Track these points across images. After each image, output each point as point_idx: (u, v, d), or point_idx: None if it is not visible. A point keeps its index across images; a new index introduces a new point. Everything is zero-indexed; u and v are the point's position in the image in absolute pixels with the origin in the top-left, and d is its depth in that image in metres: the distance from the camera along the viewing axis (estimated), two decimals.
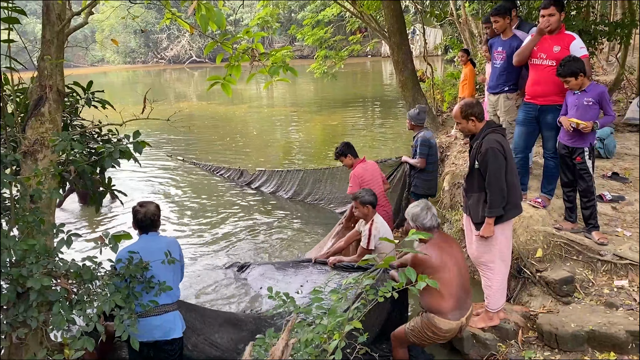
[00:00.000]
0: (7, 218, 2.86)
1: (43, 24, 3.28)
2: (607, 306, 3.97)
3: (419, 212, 3.66)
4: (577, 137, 4.37)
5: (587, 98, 4.35)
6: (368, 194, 4.74)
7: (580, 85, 4.38)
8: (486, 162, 3.67)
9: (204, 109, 19.24)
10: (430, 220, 3.63)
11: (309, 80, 23.77)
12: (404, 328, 3.71)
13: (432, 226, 3.64)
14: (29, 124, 3.19)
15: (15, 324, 2.67)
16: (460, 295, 3.55)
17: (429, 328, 3.54)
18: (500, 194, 3.68)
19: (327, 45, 15.25)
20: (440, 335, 3.56)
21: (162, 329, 3.41)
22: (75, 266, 2.82)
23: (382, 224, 4.72)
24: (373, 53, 35.46)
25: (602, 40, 8.39)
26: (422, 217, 3.64)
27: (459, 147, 7.66)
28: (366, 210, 4.72)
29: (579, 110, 4.38)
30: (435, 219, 3.66)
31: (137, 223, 3.51)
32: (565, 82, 4.41)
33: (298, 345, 2.28)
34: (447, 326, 3.51)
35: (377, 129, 13.75)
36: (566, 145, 4.50)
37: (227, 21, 3.30)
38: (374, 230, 4.62)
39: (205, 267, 6.00)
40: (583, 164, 4.40)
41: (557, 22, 4.64)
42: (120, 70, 42.33)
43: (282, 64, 3.16)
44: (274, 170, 8.87)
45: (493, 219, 3.74)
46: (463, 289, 3.59)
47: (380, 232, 4.63)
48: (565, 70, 4.36)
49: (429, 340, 3.63)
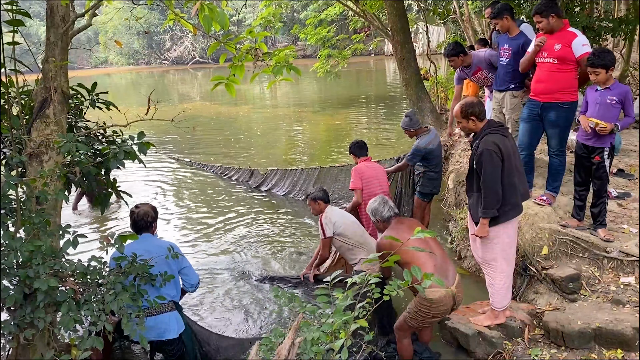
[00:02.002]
0: (14, 220, 2.87)
1: (47, 26, 3.29)
2: (613, 303, 3.95)
3: (377, 207, 4.03)
4: (597, 137, 4.29)
5: (611, 96, 4.23)
6: (317, 191, 4.83)
7: (606, 81, 4.26)
8: (481, 163, 3.66)
9: (207, 109, 19.28)
10: (388, 212, 4.00)
11: (312, 80, 23.79)
12: (403, 315, 3.74)
13: (390, 216, 4.00)
14: (34, 126, 3.21)
15: (23, 325, 2.68)
16: (435, 263, 3.59)
17: (423, 304, 3.54)
18: (494, 196, 3.66)
19: (330, 45, 15.26)
20: (435, 307, 3.54)
21: (156, 330, 3.43)
22: (81, 267, 2.84)
23: (332, 211, 4.75)
24: (376, 52, 35.47)
25: (606, 36, 8.35)
26: (381, 211, 4.01)
27: (463, 145, 7.64)
28: (317, 206, 4.80)
29: (601, 109, 4.27)
30: (392, 210, 4.02)
31: (133, 224, 3.57)
32: (594, 74, 4.25)
33: (304, 344, 2.28)
34: (436, 294, 3.48)
35: (381, 127, 13.74)
36: (585, 144, 4.41)
37: (230, 21, 3.30)
38: (324, 219, 4.67)
39: (210, 272, 6.00)
40: (602, 164, 4.34)
41: (548, 26, 4.64)
42: (123, 72, 42.46)
43: (286, 63, 3.16)
44: (287, 170, 8.69)
45: (487, 220, 3.74)
46: (435, 257, 3.63)
47: (333, 218, 4.64)
48: (598, 61, 4.19)
49: (428, 318, 3.60)
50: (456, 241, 5.82)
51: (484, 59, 5.81)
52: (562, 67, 4.62)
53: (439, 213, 6.85)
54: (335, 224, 4.60)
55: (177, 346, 3.57)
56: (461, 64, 5.93)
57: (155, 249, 3.46)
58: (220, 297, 5.37)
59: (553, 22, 4.62)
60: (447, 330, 4.15)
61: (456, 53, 5.83)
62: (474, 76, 6.03)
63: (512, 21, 5.38)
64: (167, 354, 3.55)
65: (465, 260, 5.51)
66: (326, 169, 8.04)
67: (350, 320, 2.34)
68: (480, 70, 5.89)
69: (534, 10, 4.70)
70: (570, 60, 4.59)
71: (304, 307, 2.49)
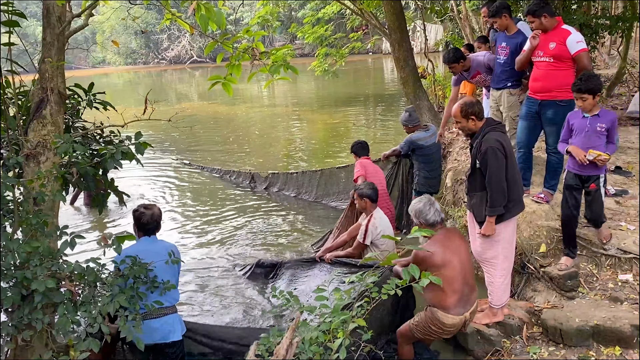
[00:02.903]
0: (11, 221, 2.87)
1: (43, 26, 3.28)
2: (611, 300, 3.96)
3: (421, 208, 3.67)
4: (592, 166, 4.01)
5: (601, 124, 4.01)
6: (367, 188, 4.81)
7: (593, 107, 4.03)
8: (486, 161, 3.66)
9: (205, 108, 19.26)
10: (433, 216, 3.65)
11: (310, 79, 23.77)
12: (409, 324, 3.73)
13: (436, 221, 3.65)
14: (31, 127, 3.20)
15: (21, 326, 2.67)
16: (463, 291, 3.56)
17: (433, 322, 3.55)
18: (501, 193, 3.67)
19: (328, 43, 15.25)
20: (444, 329, 3.58)
21: (161, 332, 3.42)
22: (79, 268, 2.83)
23: (382, 219, 4.74)
24: (374, 50, 35.46)
25: (604, 34, 8.36)
26: (425, 213, 3.65)
27: (461, 144, 7.64)
28: (364, 204, 4.78)
29: (590, 137, 4.03)
30: (439, 214, 3.68)
31: (142, 226, 3.53)
32: (581, 100, 4.01)
33: (302, 343, 2.28)
34: (451, 321, 3.53)
35: (379, 126, 13.74)
36: (578, 174, 4.11)
37: (227, 20, 3.30)
38: (371, 226, 4.66)
39: (209, 269, 6.00)
40: (598, 192, 4.09)
41: (541, 25, 4.66)
42: (121, 72, 42.40)
43: (283, 62, 3.16)
44: (289, 173, 8.60)
45: (494, 218, 3.73)
46: (467, 285, 3.60)
47: (379, 228, 4.64)
48: (584, 86, 3.96)
49: (433, 335, 3.65)
50: None
51: (483, 63, 5.81)
52: (558, 65, 4.63)
53: None
54: (379, 234, 4.62)
55: (179, 348, 3.56)
56: (461, 69, 5.92)
57: (163, 250, 3.44)
58: (216, 295, 5.38)
59: (546, 22, 4.63)
60: None
61: (456, 59, 5.82)
62: (472, 79, 6.06)
63: (510, 19, 5.39)
64: (168, 357, 3.52)
65: None
66: (328, 171, 7.98)
67: (348, 320, 2.34)
68: (479, 74, 5.91)
69: (526, 10, 4.72)
70: (565, 58, 4.60)
71: (302, 307, 2.49)
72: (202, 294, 5.43)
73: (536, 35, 4.70)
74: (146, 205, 3.61)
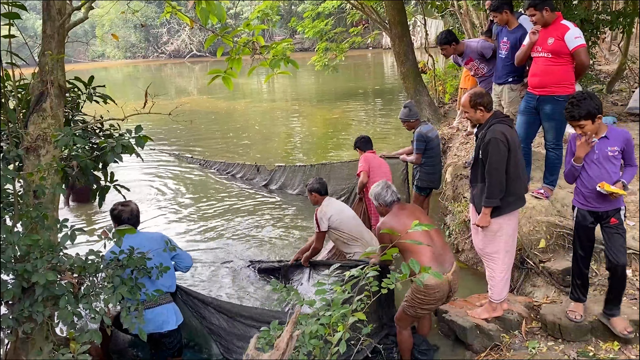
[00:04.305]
0: (11, 214, 2.87)
1: (43, 19, 3.27)
2: None
3: (379, 191, 3.97)
4: (608, 199, 3.41)
5: (612, 146, 3.40)
6: (315, 182, 4.90)
7: (597, 130, 3.41)
8: (487, 151, 3.66)
9: (205, 103, 19.22)
10: (390, 196, 3.95)
11: (309, 73, 23.71)
12: (401, 305, 3.76)
13: (393, 201, 3.94)
14: (31, 120, 3.20)
15: (22, 319, 2.68)
16: (434, 250, 3.61)
17: (419, 291, 3.55)
18: (498, 185, 3.67)
19: (328, 38, 15.19)
20: (431, 294, 3.55)
21: (154, 322, 3.45)
22: (79, 260, 2.83)
23: (330, 204, 4.80)
24: (374, 45, 35.35)
25: (604, 29, 8.33)
26: (384, 195, 3.94)
27: (461, 139, 7.64)
28: (314, 198, 4.90)
29: (604, 165, 3.41)
30: (395, 195, 3.96)
31: (120, 222, 3.58)
32: (578, 127, 3.39)
33: (302, 337, 2.29)
34: (432, 281, 3.45)
35: (379, 121, 13.73)
36: (593, 211, 3.49)
37: (227, 14, 3.29)
38: (319, 213, 4.73)
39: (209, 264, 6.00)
40: (620, 226, 3.44)
41: (542, 19, 4.64)
42: (120, 66, 42.26)
43: (283, 56, 3.16)
44: (297, 166, 8.36)
45: (490, 209, 3.73)
46: (433, 243, 3.66)
47: (328, 212, 4.69)
48: (578, 112, 3.33)
49: (424, 306, 3.62)
50: (454, 234, 5.84)
51: (475, 49, 5.87)
52: (556, 60, 4.63)
53: (437, 206, 6.86)
54: (331, 217, 4.64)
55: (176, 338, 3.59)
56: (453, 52, 6.00)
57: (148, 242, 3.47)
58: (221, 288, 5.39)
59: (547, 16, 4.62)
60: (445, 323, 4.16)
61: (448, 41, 5.90)
62: (466, 65, 6.14)
63: (512, 15, 5.40)
64: (165, 347, 3.55)
65: (463, 253, 5.53)
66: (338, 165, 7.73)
67: (348, 314, 2.35)
68: (471, 61, 5.97)
69: (528, 3, 4.70)
70: (564, 53, 4.59)
71: (303, 301, 2.49)
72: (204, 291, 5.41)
73: (536, 31, 4.69)
74: (122, 203, 3.69)
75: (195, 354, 3.96)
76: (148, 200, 8.29)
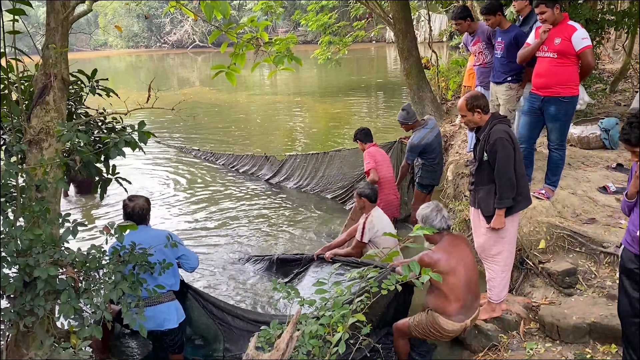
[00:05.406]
0: (14, 208, 2.87)
1: (47, 11, 3.26)
2: (609, 298, 3.97)
3: (428, 214, 3.66)
4: None
5: None
6: (366, 187, 4.81)
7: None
8: (495, 152, 3.64)
9: (207, 95, 19.16)
10: (440, 222, 3.63)
11: (312, 67, 23.63)
12: (408, 322, 3.75)
13: (442, 228, 3.63)
14: (34, 113, 3.19)
15: (23, 313, 2.69)
16: (466, 299, 3.57)
17: (433, 326, 3.58)
18: (509, 184, 3.66)
19: (331, 31, 15.11)
20: (443, 334, 3.62)
21: (155, 320, 3.46)
22: (81, 255, 2.84)
23: (380, 218, 4.74)
24: (377, 39, 35.19)
25: (609, 29, 8.29)
26: (432, 219, 3.63)
27: (463, 137, 7.63)
28: (362, 203, 4.80)
29: None
30: (445, 221, 3.65)
31: (126, 216, 3.58)
32: (634, 155, 2.83)
33: (302, 337, 2.30)
34: (451, 327, 3.55)
35: (381, 115, 13.70)
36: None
37: (230, 6, 3.28)
38: (368, 223, 4.67)
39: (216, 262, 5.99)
40: None
41: (552, 17, 4.60)
42: (123, 55, 42.14)
43: (287, 53, 3.14)
44: (309, 154, 8.08)
45: (504, 210, 3.72)
46: (470, 293, 3.60)
47: (376, 227, 4.65)
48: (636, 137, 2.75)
49: (431, 337, 3.70)
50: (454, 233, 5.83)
51: (485, 31, 5.85)
52: (562, 61, 4.60)
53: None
54: (377, 232, 4.63)
55: (177, 336, 3.59)
56: (467, 29, 5.99)
57: (151, 239, 3.47)
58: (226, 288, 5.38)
59: (557, 14, 4.59)
60: None
61: (464, 17, 5.90)
62: (473, 46, 6.09)
63: (503, 17, 5.49)
64: (166, 344, 3.57)
65: None
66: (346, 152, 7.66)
67: (348, 314, 2.35)
68: (479, 42, 5.95)
69: (539, 1, 4.64)
70: (570, 54, 4.57)
71: (303, 300, 2.50)
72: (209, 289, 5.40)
73: (547, 30, 4.65)
74: (131, 197, 3.67)
75: (195, 350, 3.97)
76: (151, 194, 8.27)
